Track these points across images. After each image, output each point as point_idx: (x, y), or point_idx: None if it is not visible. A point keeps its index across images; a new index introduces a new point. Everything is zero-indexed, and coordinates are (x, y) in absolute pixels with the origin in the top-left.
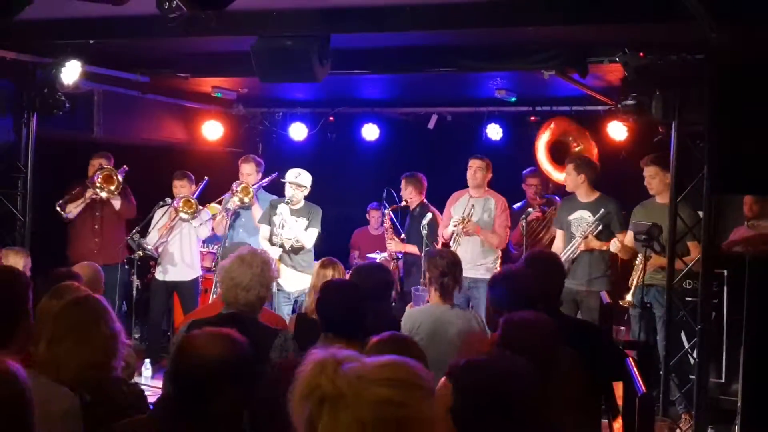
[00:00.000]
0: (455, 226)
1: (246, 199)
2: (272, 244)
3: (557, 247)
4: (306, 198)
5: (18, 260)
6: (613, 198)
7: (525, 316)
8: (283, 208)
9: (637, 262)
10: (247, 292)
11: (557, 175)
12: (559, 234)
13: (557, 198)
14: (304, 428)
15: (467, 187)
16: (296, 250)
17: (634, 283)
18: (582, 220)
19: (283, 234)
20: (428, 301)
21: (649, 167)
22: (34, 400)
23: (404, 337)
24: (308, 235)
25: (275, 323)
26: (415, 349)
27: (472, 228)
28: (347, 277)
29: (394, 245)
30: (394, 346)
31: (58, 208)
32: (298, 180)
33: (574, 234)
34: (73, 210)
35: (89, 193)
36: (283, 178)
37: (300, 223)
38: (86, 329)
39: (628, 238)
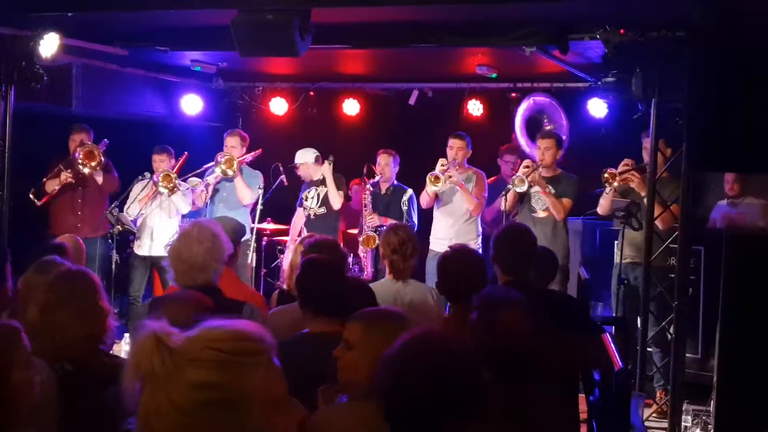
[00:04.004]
0: (443, 165)
1: (229, 171)
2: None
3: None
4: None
5: None
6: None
7: (499, 296)
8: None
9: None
10: (204, 272)
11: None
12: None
13: None
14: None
15: None
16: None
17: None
18: (541, 193)
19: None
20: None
21: None
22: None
23: (398, 313)
24: (336, 199)
25: (244, 296)
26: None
27: (456, 177)
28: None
29: (376, 219)
30: (386, 322)
31: (31, 196)
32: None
33: (534, 207)
34: (52, 188)
35: (64, 177)
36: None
37: (321, 192)
38: (84, 300)
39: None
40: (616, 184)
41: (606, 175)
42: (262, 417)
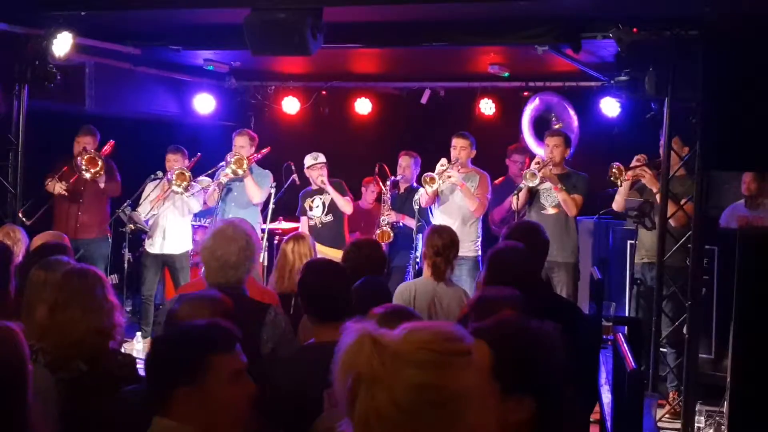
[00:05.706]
0: (442, 165)
1: (239, 171)
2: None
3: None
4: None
5: (18, 237)
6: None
7: (498, 294)
8: (317, 200)
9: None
10: (236, 270)
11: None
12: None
13: None
14: (346, 401)
15: None
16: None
17: None
18: (551, 190)
19: (316, 214)
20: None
21: None
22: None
23: (408, 310)
24: (346, 206)
25: (259, 295)
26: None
27: (456, 177)
28: (315, 252)
29: (393, 215)
30: (396, 320)
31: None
32: (320, 159)
33: (544, 204)
34: (56, 189)
35: (58, 189)
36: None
37: (326, 200)
38: (93, 297)
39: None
40: (625, 177)
41: (614, 170)
42: (477, 417)
